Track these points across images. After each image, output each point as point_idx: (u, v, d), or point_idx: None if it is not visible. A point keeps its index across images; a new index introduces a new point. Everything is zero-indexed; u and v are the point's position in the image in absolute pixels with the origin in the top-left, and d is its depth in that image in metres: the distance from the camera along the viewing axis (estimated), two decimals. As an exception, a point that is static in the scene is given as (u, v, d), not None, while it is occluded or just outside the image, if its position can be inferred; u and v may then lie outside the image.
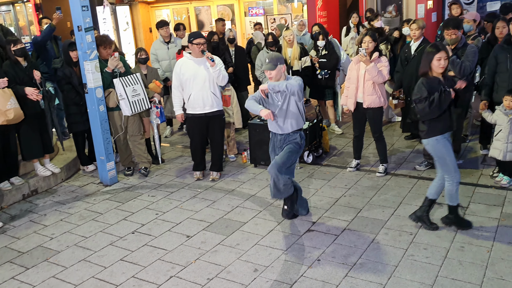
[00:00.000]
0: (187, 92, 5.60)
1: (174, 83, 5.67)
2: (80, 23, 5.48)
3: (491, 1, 9.92)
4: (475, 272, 3.64)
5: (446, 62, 4.01)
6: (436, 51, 4.01)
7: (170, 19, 15.14)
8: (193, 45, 5.47)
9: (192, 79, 5.52)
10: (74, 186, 6.07)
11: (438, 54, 3.99)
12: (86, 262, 4.19)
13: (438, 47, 4.03)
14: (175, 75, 5.63)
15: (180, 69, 5.56)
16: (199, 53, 5.49)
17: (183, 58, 5.64)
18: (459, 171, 4.17)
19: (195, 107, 5.61)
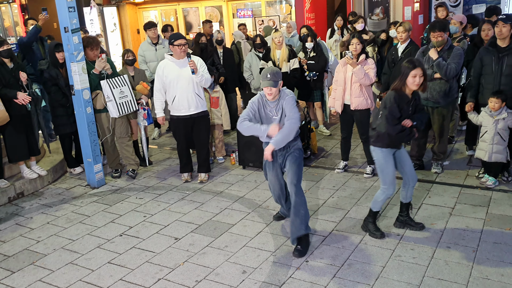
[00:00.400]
0: (171, 94, 5.57)
1: (157, 85, 5.62)
2: (66, 24, 5.44)
3: (477, 4, 10.04)
4: (461, 272, 3.68)
5: (421, 80, 3.90)
6: (412, 67, 3.89)
7: (158, 21, 15.08)
8: (174, 47, 5.43)
9: (176, 81, 5.50)
10: (61, 188, 6.02)
11: (414, 71, 3.88)
12: (73, 265, 4.16)
13: (415, 64, 3.90)
14: (158, 78, 5.58)
15: (163, 71, 5.52)
16: (181, 55, 5.46)
17: (165, 60, 5.59)
18: (395, 185, 4.15)
19: (180, 109, 5.59)
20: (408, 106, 4.03)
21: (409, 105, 4.03)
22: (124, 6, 15.11)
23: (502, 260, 3.79)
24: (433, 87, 5.32)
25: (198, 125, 5.75)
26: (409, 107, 4.04)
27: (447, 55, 5.24)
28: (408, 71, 3.90)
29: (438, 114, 5.45)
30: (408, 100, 4.01)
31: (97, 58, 5.80)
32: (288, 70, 6.89)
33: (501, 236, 4.16)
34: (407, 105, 4.01)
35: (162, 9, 15.34)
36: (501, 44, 5.06)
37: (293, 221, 4.11)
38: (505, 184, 5.23)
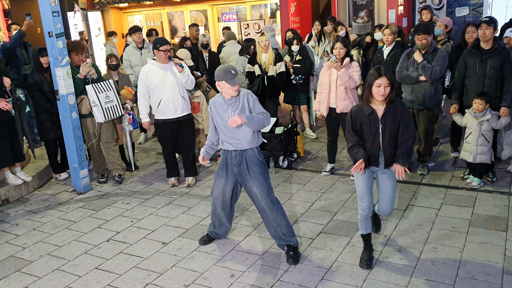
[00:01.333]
0: (156, 98, 5.53)
1: (140, 90, 5.56)
2: (51, 28, 5.39)
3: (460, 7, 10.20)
4: (448, 272, 3.72)
5: (387, 90, 3.52)
6: (378, 75, 3.52)
7: (143, 25, 15.03)
8: (159, 52, 5.42)
9: (161, 85, 5.48)
10: (47, 194, 5.95)
11: (379, 80, 3.51)
12: (60, 271, 4.11)
13: (380, 72, 3.52)
14: (142, 83, 5.53)
15: (147, 76, 5.48)
16: (166, 60, 5.47)
17: (148, 65, 5.55)
18: (366, 205, 3.84)
19: (167, 112, 5.57)
20: (371, 119, 3.62)
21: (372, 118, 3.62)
22: (109, 10, 15.03)
23: (488, 260, 3.84)
24: (418, 89, 5.38)
25: (184, 128, 5.74)
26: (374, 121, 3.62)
27: (432, 57, 5.30)
28: (373, 80, 3.55)
29: (423, 116, 5.50)
30: (371, 112, 3.62)
31: (82, 63, 5.76)
32: (274, 74, 6.92)
33: (486, 236, 4.21)
34: (369, 117, 3.62)
35: (147, 14, 15.29)
36: (484, 46, 5.14)
37: (276, 236, 4.08)
38: (489, 184, 5.30)
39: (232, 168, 4.03)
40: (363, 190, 3.83)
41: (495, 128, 5.18)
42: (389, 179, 3.78)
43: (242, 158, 3.98)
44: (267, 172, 4.04)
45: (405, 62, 5.47)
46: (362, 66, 7.11)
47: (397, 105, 3.63)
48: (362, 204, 3.85)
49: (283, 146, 6.21)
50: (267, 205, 3.99)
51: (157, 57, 5.49)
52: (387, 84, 3.51)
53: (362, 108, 3.67)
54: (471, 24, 6.09)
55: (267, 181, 3.99)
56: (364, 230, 3.91)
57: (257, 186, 3.96)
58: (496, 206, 4.78)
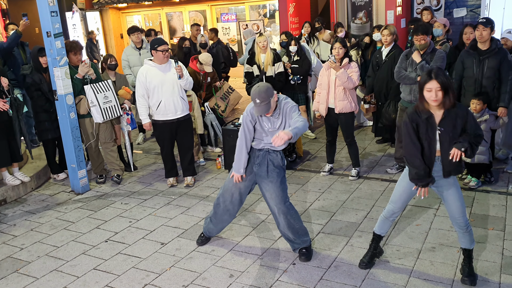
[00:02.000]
0: (156, 99, 5.51)
1: (139, 91, 5.52)
2: (49, 28, 5.38)
3: (458, 8, 10.21)
4: (447, 272, 3.72)
5: (439, 95, 3.21)
6: (427, 78, 3.24)
7: (142, 25, 15.02)
8: (157, 52, 5.40)
9: (160, 86, 5.47)
10: (45, 195, 5.94)
11: (429, 83, 3.23)
12: (58, 272, 4.10)
13: (431, 74, 3.24)
14: (140, 84, 5.49)
15: (146, 77, 5.45)
16: (164, 60, 5.46)
17: (146, 66, 5.52)
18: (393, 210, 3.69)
19: (168, 113, 5.56)
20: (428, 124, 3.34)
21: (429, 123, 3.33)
22: (107, 10, 15.02)
23: (486, 260, 3.85)
24: (417, 89, 5.35)
25: (183, 129, 5.74)
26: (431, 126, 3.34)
27: (430, 58, 5.31)
28: (422, 85, 3.29)
29: (422, 116, 5.50)
30: (428, 116, 3.33)
31: (80, 63, 5.75)
32: (273, 74, 6.91)
33: (484, 236, 4.22)
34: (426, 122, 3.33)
35: (145, 14, 15.29)
36: (481, 47, 5.15)
37: (290, 239, 4.06)
38: (487, 184, 5.31)
39: (252, 166, 4.00)
40: (398, 196, 3.64)
41: (493, 128, 5.19)
42: (453, 188, 3.48)
43: (264, 159, 3.95)
44: (285, 178, 4.00)
45: (404, 63, 5.48)
46: (361, 67, 7.12)
47: (457, 110, 3.30)
48: (390, 207, 3.71)
49: (282, 147, 6.21)
50: (281, 210, 3.95)
51: (155, 58, 5.47)
52: (438, 88, 3.20)
53: (417, 111, 3.36)
54: (469, 25, 6.10)
55: (283, 185, 3.96)
56: (378, 229, 3.83)
57: (274, 190, 3.93)
58: (494, 206, 4.78)
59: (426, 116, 3.32)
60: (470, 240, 3.56)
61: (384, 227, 3.82)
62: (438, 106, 3.28)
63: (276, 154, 3.96)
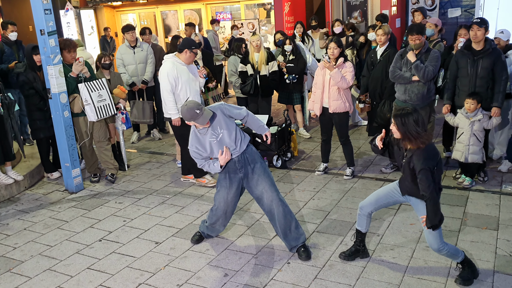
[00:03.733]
0: (183, 95, 5.48)
1: (169, 86, 5.40)
2: (43, 26, 5.35)
3: (452, 8, 10.26)
4: (440, 271, 3.74)
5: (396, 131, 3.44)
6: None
7: (137, 24, 14.98)
8: (191, 53, 5.44)
9: (188, 83, 5.50)
10: (38, 194, 5.91)
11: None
12: (51, 271, 4.08)
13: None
14: (171, 77, 5.38)
15: (177, 72, 5.41)
16: (192, 61, 5.57)
17: (172, 61, 5.44)
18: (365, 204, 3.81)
19: None
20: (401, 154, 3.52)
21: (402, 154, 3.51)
22: (102, 9, 14.96)
23: (479, 259, 3.87)
24: (411, 89, 5.40)
25: None
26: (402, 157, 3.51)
27: (425, 58, 5.33)
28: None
29: (416, 116, 5.52)
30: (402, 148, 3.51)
31: (74, 61, 5.72)
32: (267, 73, 6.92)
33: (478, 235, 4.24)
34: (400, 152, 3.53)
35: (140, 12, 15.24)
36: (476, 47, 5.17)
37: (287, 234, 4.05)
38: (481, 184, 5.34)
39: (235, 174, 4.04)
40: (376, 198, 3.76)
41: (486, 128, 5.21)
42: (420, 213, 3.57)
43: (244, 159, 4.01)
44: (267, 167, 4.12)
45: (399, 62, 5.50)
46: (356, 66, 7.13)
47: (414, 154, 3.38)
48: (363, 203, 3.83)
49: (277, 146, 6.22)
50: (277, 198, 3.98)
51: (185, 57, 5.45)
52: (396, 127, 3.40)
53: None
54: (463, 26, 6.13)
55: (270, 174, 4.07)
56: (357, 224, 3.93)
57: (264, 181, 3.99)
58: (488, 205, 4.81)
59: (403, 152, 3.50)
60: (453, 257, 3.57)
61: (361, 223, 3.88)
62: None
63: (250, 149, 4.06)
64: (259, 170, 4.01)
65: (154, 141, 7.94)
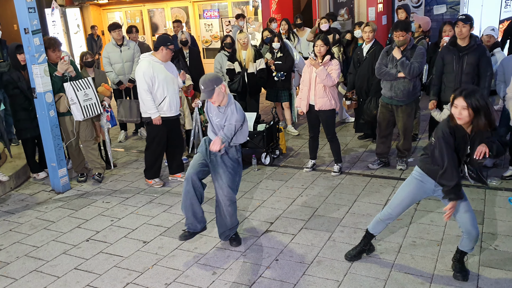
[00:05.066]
0: (160, 95, 5.44)
1: (146, 85, 5.34)
2: (27, 25, 5.28)
3: (438, 5, 10.33)
4: (427, 266, 3.77)
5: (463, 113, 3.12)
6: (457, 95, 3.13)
7: (123, 22, 14.86)
8: (167, 50, 5.38)
9: (165, 82, 5.44)
10: (24, 194, 5.85)
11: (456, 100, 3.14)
12: (37, 272, 4.04)
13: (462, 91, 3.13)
14: (147, 77, 5.32)
15: (153, 71, 5.34)
16: (168, 58, 5.49)
17: (148, 60, 5.37)
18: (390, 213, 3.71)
19: (172, 109, 5.55)
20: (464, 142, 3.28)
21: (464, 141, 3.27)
22: (88, 7, 14.82)
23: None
24: (397, 85, 5.44)
25: (176, 126, 5.79)
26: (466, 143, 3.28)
27: (410, 54, 5.36)
28: (452, 99, 3.18)
29: (403, 112, 5.57)
30: (463, 135, 3.25)
31: (59, 60, 5.67)
32: (254, 71, 6.92)
33: (464, 229, 4.28)
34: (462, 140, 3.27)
35: (127, 10, 15.12)
36: (461, 44, 5.22)
37: (223, 230, 4.25)
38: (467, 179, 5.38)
39: (208, 154, 4.09)
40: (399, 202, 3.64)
41: (472, 123, 5.25)
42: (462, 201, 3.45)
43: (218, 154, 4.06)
44: (239, 171, 4.15)
45: (384, 59, 5.53)
46: (343, 64, 7.16)
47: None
48: (388, 211, 3.71)
49: (266, 143, 6.22)
50: (227, 198, 4.05)
51: (161, 55, 5.39)
52: (464, 106, 3.10)
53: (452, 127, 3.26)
54: (448, 22, 6.19)
55: (234, 178, 4.10)
56: (371, 228, 3.84)
57: (226, 178, 4.03)
58: (473, 200, 4.86)
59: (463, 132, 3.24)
60: (472, 247, 3.54)
61: (378, 228, 3.85)
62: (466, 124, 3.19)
63: (232, 147, 4.09)
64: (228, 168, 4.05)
65: (141, 139, 7.90)
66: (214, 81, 3.88)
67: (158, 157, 5.79)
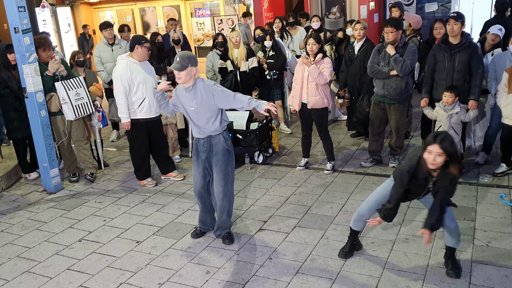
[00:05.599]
0: (139, 96, 5.39)
1: (122, 88, 5.30)
2: (17, 24, 5.24)
3: (429, 3, 10.38)
4: (420, 263, 3.79)
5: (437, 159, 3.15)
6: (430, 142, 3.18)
7: (115, 21, 14.78)
8: (143, 48, 5.30)
9: (144, 83, 5.39)
10: (16, 195, 5.80)
11: (430, 146, 3.17)
12: (30, 273, 4.01)
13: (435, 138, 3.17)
14: (124, 80, 5.29)
15: (130, 73, 5.29)
16: (146, 57, 5.39)
17: (126, 62, 5.33)
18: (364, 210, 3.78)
19: (151, 110, 5.50)
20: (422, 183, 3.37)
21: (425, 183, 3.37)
22: (79, 6, 14.73)
23: (458, 249, 3.90)
24: (389, 84, 5.45)
25: (158, 127, 5.73)
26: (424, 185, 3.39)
27: (402, 51, 5.38)
28: (425, 145, 3.22)
29: (395, 110, 5.58)
30: (426, 177, 3.33)
31: (50, 60, 5.62)
32: (247, 69, 6.91)
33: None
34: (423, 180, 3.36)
35: (118, 9, 15.05)
36: (452, 41, 5.24)
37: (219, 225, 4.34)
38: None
39: (201, 155, 4.16)
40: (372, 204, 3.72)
41: (463, 121, 5.29)
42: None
43: (209, 145, 4.10)
44: (230, 161, 4.13)
45: (376, 57, 5.54)
46: (335, 62, 7.17)
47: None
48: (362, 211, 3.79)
49: (258, 142, 6.22)
50: (219, 191, 4.13)
51: (137, 54, 5.31)
52: (439, 152, 3.13)
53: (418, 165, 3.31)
54: (439, 20, 6.21)
55: (227, 169, 4.11)
56: (353, 225, 3.91)
57: (217, 172, 4.10)
58: (465, 197, 4.89)
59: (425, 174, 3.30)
60: (456, 240, 3.62)
61: (358, 225, 3.90)
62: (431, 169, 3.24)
63: (219, 138, 4.08)
64: (218, 160, 4.09)
65: (134, 139, 7.86)
66: (191, 60, 3.86)
67: (144, 158, 5.76)
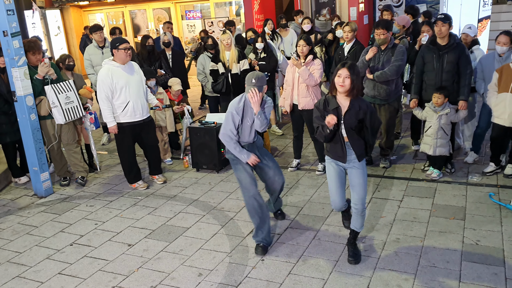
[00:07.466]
0: (122, 100, 5.38)
1: (104, 93, 5.30)
2: (5, 28, 5.20)
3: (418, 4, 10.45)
4: (410, 262, 3.82)
5: (346, 81, 3.49)
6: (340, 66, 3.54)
7: (105, 23, 14.74)
8: (119, 51, 5.27)
9: (127, 87, 5.36)
10: (6, 199, 5.76)
11: (340, 70, 3.52)
12: (20, 278, 3.99)
13: (344, 63, 3.54)
14: (105, 85, 5.28)
15: (112, 78, 5.28)
16: (126, 59, 5.35)
17: (108, 67, 5.33)
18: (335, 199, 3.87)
19: (135, 114, 5.47)
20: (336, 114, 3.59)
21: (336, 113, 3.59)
22: (68, 9, 14.66)
23: (447, 248, 3.97)
24: (380, 85, 5.49)
25: (148, 129, 5.70)
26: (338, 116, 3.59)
27: (391, 53, 5.43)
28: (335, 71, 3.57)
29: (385, 111, 5.63)
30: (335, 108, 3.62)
31: (39, 63, 5.59)
32: (238, 71, 6.91)
33: (446, 225, 4.35)
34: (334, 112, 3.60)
35: (108, 12, 15.00)
36: (441, 42, 5.29)
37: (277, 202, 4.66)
38: (448, 175, 5.47)
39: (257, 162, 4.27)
40: (333, 185, 3.85)
41: (453, 121, 5.34)
42: (359, 171, 3.74)
43: (252, 147, 4.28)
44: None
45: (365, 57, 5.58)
46: (325, 63, 7.20)
47: (360, 103, 3.59)
48: (332, 198, 3.89)
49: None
50: (282, 180, 4.38)
51: (117, 57, 5.33)
52: (347, 75, 3.49)
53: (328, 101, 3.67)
54: (426, 23, 6.28)
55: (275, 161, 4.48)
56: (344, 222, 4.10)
57: (275, 166, 4.36)
58: (455, 196, 4.93)
59: (334, 107, 3.63)
60: (361, 223, 3.87)
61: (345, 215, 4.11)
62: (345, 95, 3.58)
63: (258, 138, 4.36)
64: (268, 155, 4.40)
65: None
66: (264, 81, 4.07)
67: (132, 161, 5.75)
